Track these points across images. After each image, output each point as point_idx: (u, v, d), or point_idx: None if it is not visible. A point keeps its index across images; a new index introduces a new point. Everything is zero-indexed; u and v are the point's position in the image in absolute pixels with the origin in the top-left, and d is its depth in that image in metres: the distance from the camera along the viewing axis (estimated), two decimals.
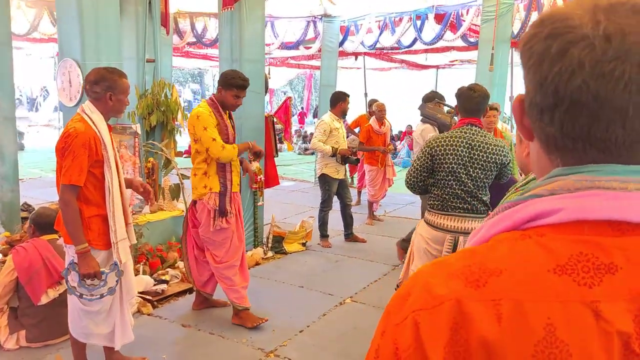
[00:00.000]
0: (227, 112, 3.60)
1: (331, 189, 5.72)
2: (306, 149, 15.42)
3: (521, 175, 6.73)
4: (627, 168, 0.55)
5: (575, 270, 0.53)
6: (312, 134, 18.28)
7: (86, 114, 2.63)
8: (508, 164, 2.87)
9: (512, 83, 8.78)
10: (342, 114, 5.82)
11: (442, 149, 2.77)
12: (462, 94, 2.84)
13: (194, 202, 3.64)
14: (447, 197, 2.80)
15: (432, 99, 4.84)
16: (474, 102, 2.81)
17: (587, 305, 0.51)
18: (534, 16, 7.41)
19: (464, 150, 2.75)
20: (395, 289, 3.20)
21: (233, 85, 3.44)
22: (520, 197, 0.60)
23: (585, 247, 0.54)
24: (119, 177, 2.76)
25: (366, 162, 7.00)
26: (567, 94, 0.54)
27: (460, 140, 2.76)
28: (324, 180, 5.73)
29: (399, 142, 15.16)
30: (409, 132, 15.92)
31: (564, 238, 0.54)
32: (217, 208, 3.50)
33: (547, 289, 0.53)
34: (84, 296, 2.65)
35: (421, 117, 4.72)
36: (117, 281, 2.72)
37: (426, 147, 2.83)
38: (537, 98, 0.57)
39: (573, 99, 0.54)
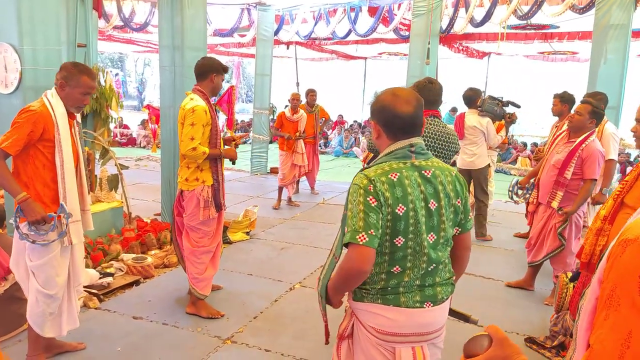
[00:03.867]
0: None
1: None
2: None
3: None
4: None
5: None
6: (242, 121, 18.07)
7: (47, 97, 2.74)
8: (458, 150, 3.10)
9: (437, 76, 9.24)
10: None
11: None
12: (423, 87, 2.94)
13: (181, 192, 3.63)
14: None
15: (478, 95, 5.74)
16: (434, 94, 2.97)
17: None
18: (462, 12, 7.85)
19: (429, 141, 2.92)
20: None
21: (225, 70, 3.59)
22: None
23: None
24: (78, 162, 2.86)
25: (279, 147, 7.46)
26: None
27: (427, 131, 2.92)
28: None
29: (330, 131, 15.41)
30: (340, 122, 16.24)
31: None
32: (211, 200, 3.54)
33: None
34: (36, 242, 2.69)
35: (480, 111, 5.62)
36: (66, 225, 2.76)
37: None
38: None
39: None
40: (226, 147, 3.71)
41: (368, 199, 1.68)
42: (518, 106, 5.83)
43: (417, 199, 1.72)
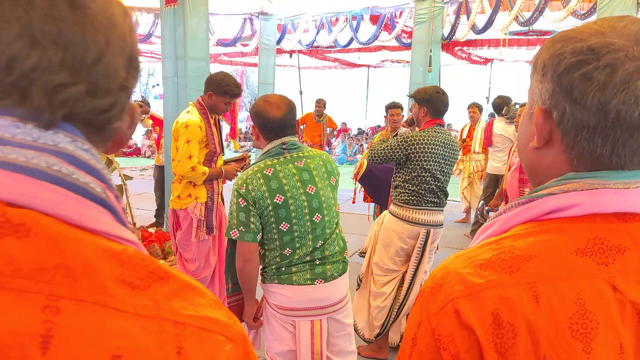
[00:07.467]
0: (214, 116, 3.36)
1: None
2: (242, 147, 15.32)
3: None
4: (630, 173, 0.66)
5: (594, 252, 0.63)
6: (247, 132, 18.14)
7: None
8: (458, 157, 3.16)
9: (439, 82, 9.25)
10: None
11: (421, 147, 2.92)
12: (436, 98, 2.98)
13: (174, 210, 3.39)
14: (423, 192, 2.96)
15: (505, 103, 5.88)
16: (443, 103, 3.01)
17: (606, 280, 0.62)
18: (463, 19, 7.87)
19: (440, 149, 2.95)
20: (357, 282, 3.35)
21: (228, 93, 3.21)
22: (535, 195, 0.70)
23: (599, 232, 0.64)
24: None
25: None
26: (628, 120, 0.62)
27: (436, 140, 2.94)
28: None
29: (334, 139, 15.44)
30: (344, 129, 16.27)
31: (581, 226, 0.65)
32: (204, 219, 3.33)
33: (574, 269, 0.63)
34: None
35: (507, 119, 5.76)
36: None
37: (403, 144, 2.95)
38: (588, 121, 0.64)
39: (633, 124, 0.62)
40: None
41: (239, 200, 1.93)
42: None
43: (293, 188, 1.96)
